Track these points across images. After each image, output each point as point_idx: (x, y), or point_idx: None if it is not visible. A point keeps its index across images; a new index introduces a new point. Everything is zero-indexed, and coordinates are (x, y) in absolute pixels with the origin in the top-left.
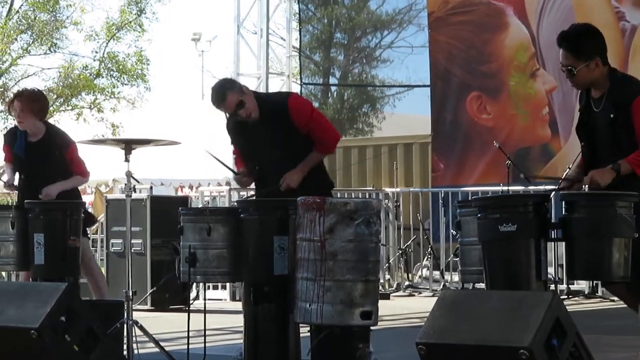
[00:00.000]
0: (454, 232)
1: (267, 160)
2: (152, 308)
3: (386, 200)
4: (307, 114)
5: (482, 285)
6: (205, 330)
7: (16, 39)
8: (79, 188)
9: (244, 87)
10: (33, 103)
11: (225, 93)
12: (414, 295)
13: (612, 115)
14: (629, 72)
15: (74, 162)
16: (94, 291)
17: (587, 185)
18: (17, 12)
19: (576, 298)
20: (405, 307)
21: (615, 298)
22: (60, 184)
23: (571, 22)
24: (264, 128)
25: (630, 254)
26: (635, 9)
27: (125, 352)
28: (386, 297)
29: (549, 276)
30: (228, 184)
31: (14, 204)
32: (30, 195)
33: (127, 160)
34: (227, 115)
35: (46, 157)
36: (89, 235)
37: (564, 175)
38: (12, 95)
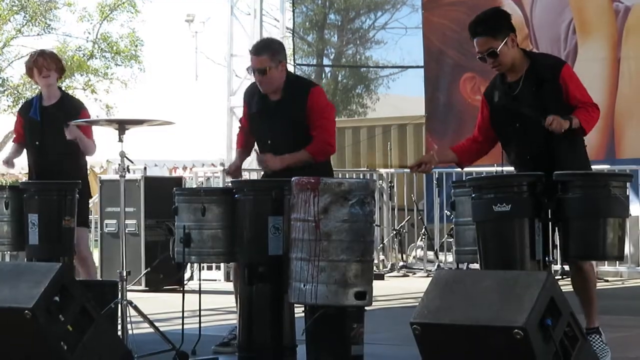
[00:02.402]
0: (449, 213)
1: (280, 139)
2: (147, 288)
3: (380, 181)
4: (322, 107)
5: (476, 266)
6: (200, 310)
7: (9, 20)
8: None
9: (282, 61)
10: (56, 60)
11: (264, 52)
12: (408, 276)
13: (533, 89)
14: (622, 53)
15: (84, 131)
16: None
17: (549, 127)
18: None
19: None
20: (399, 288)
21: (609, 278)
22: (80, 133)
23: (564, 3)
24: (283, 107)
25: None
26: None
27: (119, 333)
28: (380, 277)
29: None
30: (222, 164)
31: (10, 184)
32: (42, 164)
33: (120, 140)
34: (249, 67)
35: (59, 122)
36: (89, 224)
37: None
38: (31, 56)
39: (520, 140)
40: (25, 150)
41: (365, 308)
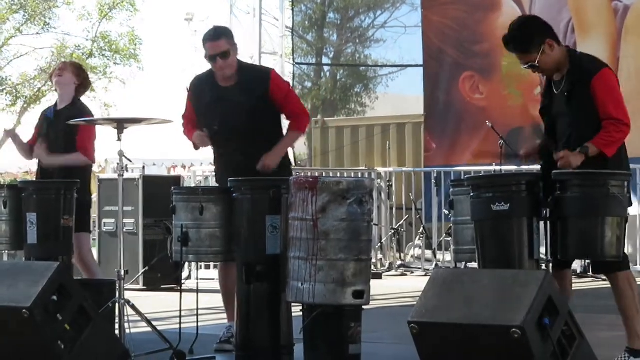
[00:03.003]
0: (447, 212)
1: (232, 123)
2: (144, 287)
3: (379, 180)
4: (285, 87)
5: (474, 265)
6: (197, 309)
7: (8, 19)
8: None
9: (236, 46)
10: (75, 66)
11: (221, 36)
12: (406, 275)
13: (565, 94)
14: (621, 52)
15: (81, 137)
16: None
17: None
18: None
19: None
20: (397, 287)
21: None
22: (57, 156)
23: (563, 2)
24: (239, 92)
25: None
26: None
27: (117, 332)
28: (378, 276)
29: (542, 255)
30: None
31: (8, 182)
32: (47, 167)
33: (119, 139)
34: (207, 55)
35: (62, 126)
36: (91, 229)
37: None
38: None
39: (552, 139)
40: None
41: (363, 307)
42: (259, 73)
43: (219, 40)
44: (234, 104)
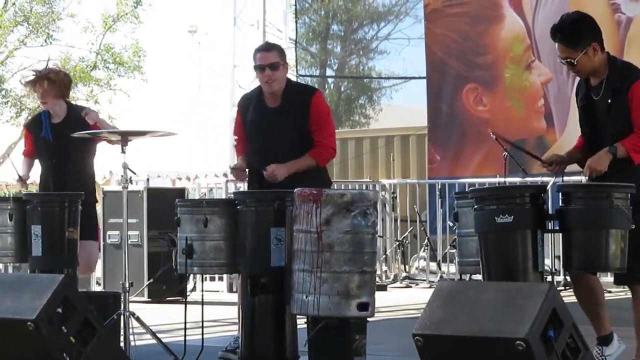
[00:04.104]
0: (451, 224)
1: (274, 145)
2: (149, 300)
3: (383, 192)
4: (325, 113)
5: (479, 277)
6: (202, 321)
7: (12, 31)
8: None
9: (286, 63)
10: (56, 82)
11: (273, 49)
12: (410, 287)
13: (609, 101)
14: None
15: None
16: None
17: (587, 177)
18: (13, 3)
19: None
20: (402, 299)
21: (612, 289)
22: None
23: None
24: (283, 116)
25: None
26: (630, 1)
27: (122, 344)
28: (383, 288)
29: (546, 267)
30: (225, 175)
31: (13, 195)
32: (63, 181)
33: (123, 152)
34: (257, 65)
35: (71, 138)
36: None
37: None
38: (34, 76)
39: (592, 147)
40: (39, 165)
41: (368, 319)
42: (302, 96)
43: (270, 51)
44: (277, 130)
